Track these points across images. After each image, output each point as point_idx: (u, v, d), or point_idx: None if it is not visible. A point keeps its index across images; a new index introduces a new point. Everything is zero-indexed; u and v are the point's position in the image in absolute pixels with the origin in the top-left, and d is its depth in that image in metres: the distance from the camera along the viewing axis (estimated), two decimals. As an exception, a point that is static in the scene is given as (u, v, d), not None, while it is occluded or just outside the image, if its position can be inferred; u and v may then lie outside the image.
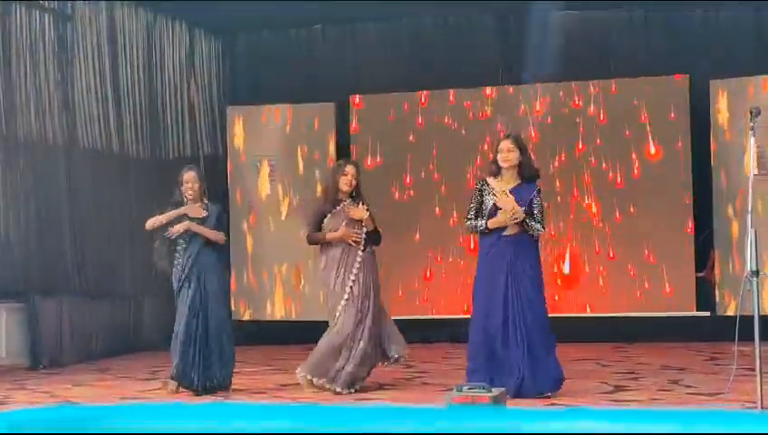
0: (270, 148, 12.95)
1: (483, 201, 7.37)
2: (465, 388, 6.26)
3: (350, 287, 7.90)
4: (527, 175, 7.40)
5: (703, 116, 11.95)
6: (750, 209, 6.02)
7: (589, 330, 11.72)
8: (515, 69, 12.73)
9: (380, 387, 8.22)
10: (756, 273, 5.90)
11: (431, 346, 11.38)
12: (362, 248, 8.01)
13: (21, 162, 10.62)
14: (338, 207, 8.02)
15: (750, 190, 6.01)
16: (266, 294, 12.83)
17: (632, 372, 8.94)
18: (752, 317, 5.95)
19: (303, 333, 11.20)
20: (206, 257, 8.09)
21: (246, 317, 12.86)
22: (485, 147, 12.36)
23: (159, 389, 8.33)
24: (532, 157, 7.83)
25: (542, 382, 7.24)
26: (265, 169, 12.93)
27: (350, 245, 7.97)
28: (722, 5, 12.27)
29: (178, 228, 8.03)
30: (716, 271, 11.72)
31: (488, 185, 7.41)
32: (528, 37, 12.46)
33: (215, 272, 8.13)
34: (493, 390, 6.27)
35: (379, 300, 8.10)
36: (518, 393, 7.07)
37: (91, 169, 11.49)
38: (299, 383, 8.01)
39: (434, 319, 12.26)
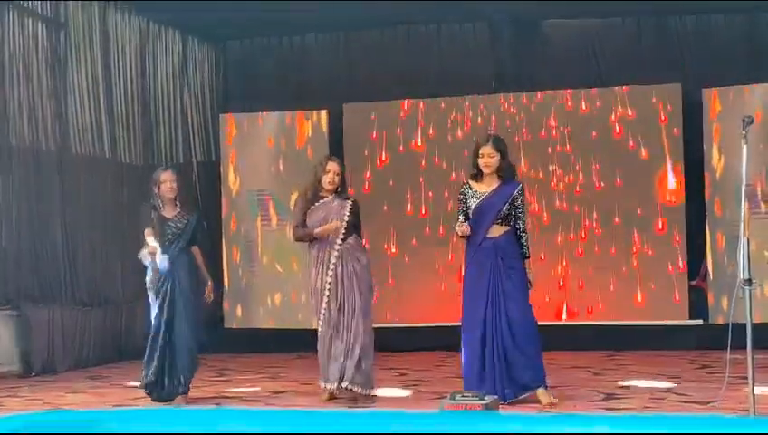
0: (263, 155, 12.94)
1: (467, 204, 7.42)
2: (458, 396, 6.26)
3: (329, 283, 7.81)
4: (507, 176, 7.48)
5: (695, 124, 11.97)
6: (742, 219, 6.02)
7: (581, 338, 11.72)
8: (508, 77, 12.77)
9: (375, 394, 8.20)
10: (749, 281, 5.90)
11: (425, 354, 11.37)
12: (341, 239, 7.89)
13: (13, 169, 10.61)
14: (317, 203, 7.94)
15: (743, 199, 6.02)
16: (259, 299, 12.80)
17: (624, 380, 8.94)
18: (744, 325, 5.95)
19: (298, 341, 11.21)
20: (181, 263, 7.92)
21: (238, 324, 12.84)
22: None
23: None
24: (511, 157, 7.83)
25: (521, 380, 7.25)
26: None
27: (329, 240, 7.85)
28: (714, 13, 12.31)
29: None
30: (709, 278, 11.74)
31: (471, 188, 7.49)
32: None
33: (188, 277, 7.97)
34: (486, 398, 6.28)
35: (369, 295, 7.98)
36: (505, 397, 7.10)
37: (83, 177, 11.49)
38: (294, 391, 8.02)
39: (426, 327, 12.25)
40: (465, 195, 7.49)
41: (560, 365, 9.73)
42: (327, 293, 7.81)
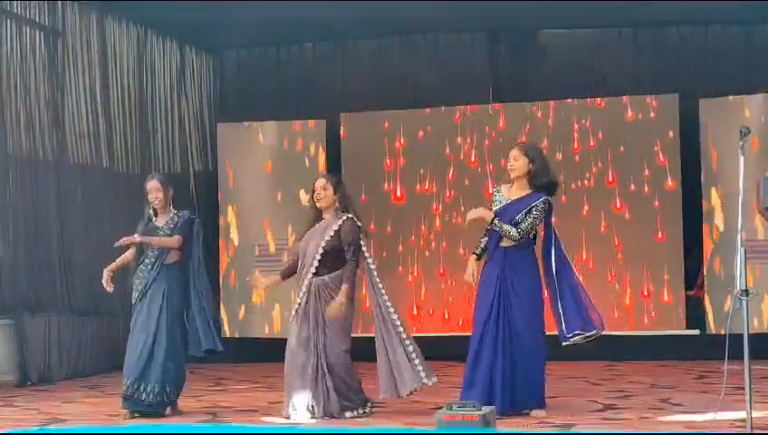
0: (260, 165, 12.93)
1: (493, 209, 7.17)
2: (454, 406, 6.24)
3: (295, 311, 7.30)
4: (537, 184, 7.11)
5: (692, 135, 11.98)
6: (739, 229, 6.02)
7: (578, 348, 11.67)
8: (505, 87, 12.79)
9: (372, 405, 8.18)
10: (746, 292, 5.90)
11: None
12: (313, 273, 7.23)
13: (10, 178, 10.59)
14: (317, 224, 7.35)
15: (740, 210, 6.02)
16: (257, 308, 12.78)
17: (622, 391, 8.93)
18: (741, 335, 5.95)
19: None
20: (169, 274, 7.66)
21: (234, 334, 12.82)
22: (476, 164, 12.44)
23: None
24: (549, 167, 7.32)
25: (522, 400, 7.16)
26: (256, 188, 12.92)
27: (305, 267, 7.27)
28: (712, 24, 12.33)
29: (124, 241, 7.67)
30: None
31: (499, 192, 7.28)
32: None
33: (174, 290, 7.65)
34: (483, 408, 6.26)
35: (340, 340, 7.23)
36: (502, 411, 6.98)
37: (80, 185, 11.47)
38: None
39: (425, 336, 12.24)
40: (494, 199, 7.23)
41: (556, 375, 9.71)
42: (291, 319, 7.38)
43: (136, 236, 7.69)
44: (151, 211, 7.79)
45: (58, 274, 11.07)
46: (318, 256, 7.20)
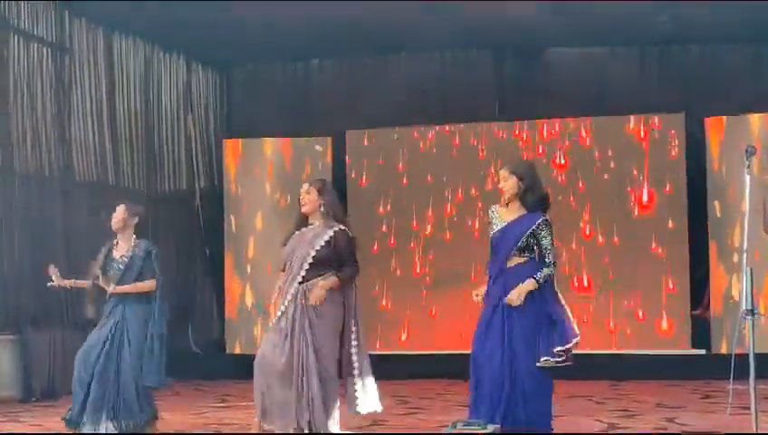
0: (266, 181, 12.95)
1: (491, 229, 6.95)
2: (459, 424, 6.21)
3: (278, 318, 6.98)
4: (530, 204, 6.91)
5: (698, 153, 11.98)
6: (745, 248, 6.01)
7: (583, 367, 11.62)
8: (510, 104, 12.82)
9: (374, 422, 8.18)
10: (752, 312, 5.88)
11: (428, 382, 11.32)
12: (302, 277, 6.97)
13: (17, 193, 10.61)
14: (303, 229, 7.10)
15: (745, 229, 6.01)
16: (259, 325, 12.78)
17: (627, 410, 8.90)
18: (747, 355, 5.93)
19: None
20: (134, 302, 7.49)
21: (240, 350, 12.81)
22: (481, 181, 12.45)
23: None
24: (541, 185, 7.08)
25: (524, 418, 6.99)
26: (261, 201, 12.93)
27: (292, 274, 6.99)
28: (718, 42, 12.34)
29: (100, 285, 7.54)
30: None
31: (496, 213, 7.14)
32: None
33: (135, 322, 7.44)
34: (488, 426, 6.23)
35: (327, 348, 6.91)
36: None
37: (86, 201, 11.47)
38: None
39: (429, 354, 12.22)
40: (492, 220, 7.01)
41: (561, 395, 9.68)
42: (271, 325, 7.08)
43: (113, 286, 7.50)
44: (115, 239, 7.63)
45: (63, 289, 11.04)
46: (306, 266, 6.96)
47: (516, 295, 6.70)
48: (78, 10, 11.44)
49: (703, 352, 11.76)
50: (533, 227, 6.86)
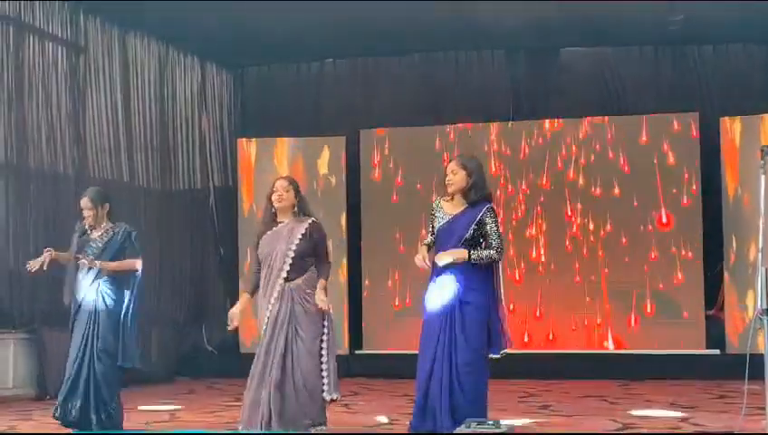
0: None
1: (434, 225, 6.83)
2: (473, 424, 6.17)
3: (267, 318, 6.99)
4: (473, 198, 6.76)
5: (713, 153, 11.95)
6: (761, 247, 6.00)
7: (597, 367, 11.66)
8: (525, 104, 12.82)
9: (390, 422, 8.18)
10: (767, 311, 5.86)
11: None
12: (285, 277, 6.94)
13: (32, 192, 10.64)
14: (274, 228, 7.03)
15: (761, 228, 5.99)
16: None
17: (640, 410, 8.89)
18: (762, 355, 5.91)
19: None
20: (104, 288, 7.59)
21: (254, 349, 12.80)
22: (495, 181, 12.43)
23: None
24: (486, 179, 6.94)
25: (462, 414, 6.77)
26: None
27: (273, 273, 6.97)
28: (732, 42, 12.31)
29: (86, 263, 7.52)
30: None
31: (440, 207, 6.87)
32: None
33: (109, 304, 7.62)
34: (502, 426, 6.21)
35: (313, 343, 6.91)
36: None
37: (100, 200, 11.48)
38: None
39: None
40: (434, 214, 6.89)
41: (575, 394, 9.69)
42: (263, 328, 7.10)
43: (97, 262, 7.52)
44: (86, 226, 7.67)
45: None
46: (289, 261, 6.93)
47: (446, 255, 6.62)
48: (93, 9, 11.48)
49: (717, 352, 11.73)
50: (480, 215, 6.68)
